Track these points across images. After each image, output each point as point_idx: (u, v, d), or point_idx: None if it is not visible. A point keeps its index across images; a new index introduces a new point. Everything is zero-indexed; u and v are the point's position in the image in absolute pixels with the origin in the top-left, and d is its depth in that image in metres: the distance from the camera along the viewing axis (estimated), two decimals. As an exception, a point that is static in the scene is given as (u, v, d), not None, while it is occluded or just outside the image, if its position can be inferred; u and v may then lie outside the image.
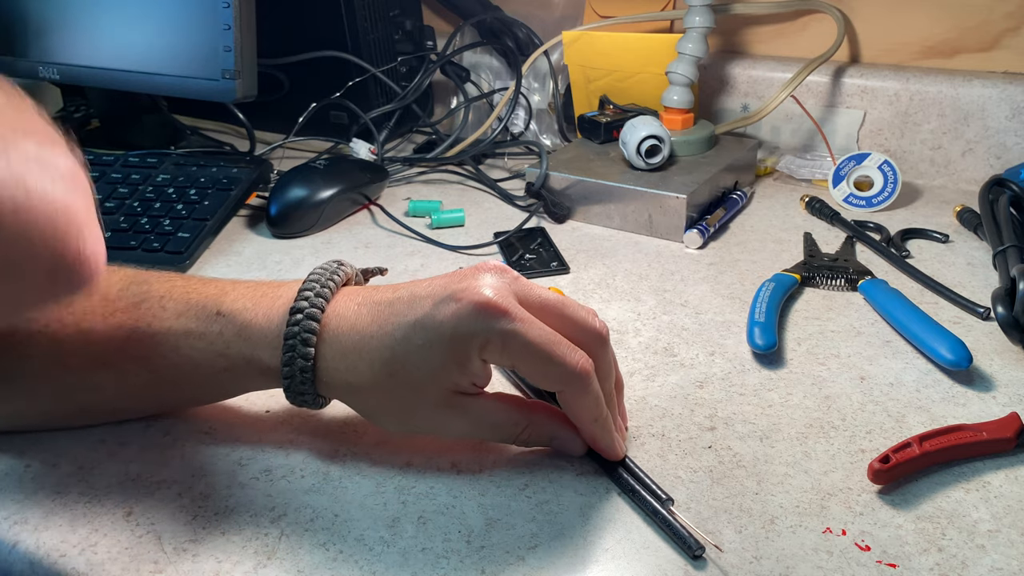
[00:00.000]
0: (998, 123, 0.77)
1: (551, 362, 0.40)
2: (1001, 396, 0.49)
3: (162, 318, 0.43)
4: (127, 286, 0.44)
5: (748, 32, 0.89)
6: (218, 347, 0.43)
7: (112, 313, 0.43)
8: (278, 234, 0.75)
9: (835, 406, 0.49)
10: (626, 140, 0.75)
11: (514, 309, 0.39)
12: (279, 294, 0.44)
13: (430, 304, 0.40)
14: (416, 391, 0.41)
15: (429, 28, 0.99)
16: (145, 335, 0.43)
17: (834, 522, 0.40)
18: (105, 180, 0.76)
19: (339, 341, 0.41)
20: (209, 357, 0.43)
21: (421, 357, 0.40)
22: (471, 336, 0.39)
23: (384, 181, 0.81)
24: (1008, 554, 0.38)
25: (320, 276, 0.44)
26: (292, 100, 0.91)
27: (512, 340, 0.39)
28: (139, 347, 0.43)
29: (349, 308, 0.42)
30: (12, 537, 0.41)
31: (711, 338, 0.57)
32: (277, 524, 0.41)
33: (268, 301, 0.43)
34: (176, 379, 0.44)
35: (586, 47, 0.87)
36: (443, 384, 0.41)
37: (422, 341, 0.40)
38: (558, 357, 0.40)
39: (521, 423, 0.43)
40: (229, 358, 0.43)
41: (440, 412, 0.42)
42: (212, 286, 0.45)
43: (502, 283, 0.40)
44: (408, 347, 0.40)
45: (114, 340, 0.43)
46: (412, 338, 0.40)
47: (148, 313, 0.43)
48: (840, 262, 0.65)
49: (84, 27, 0.84)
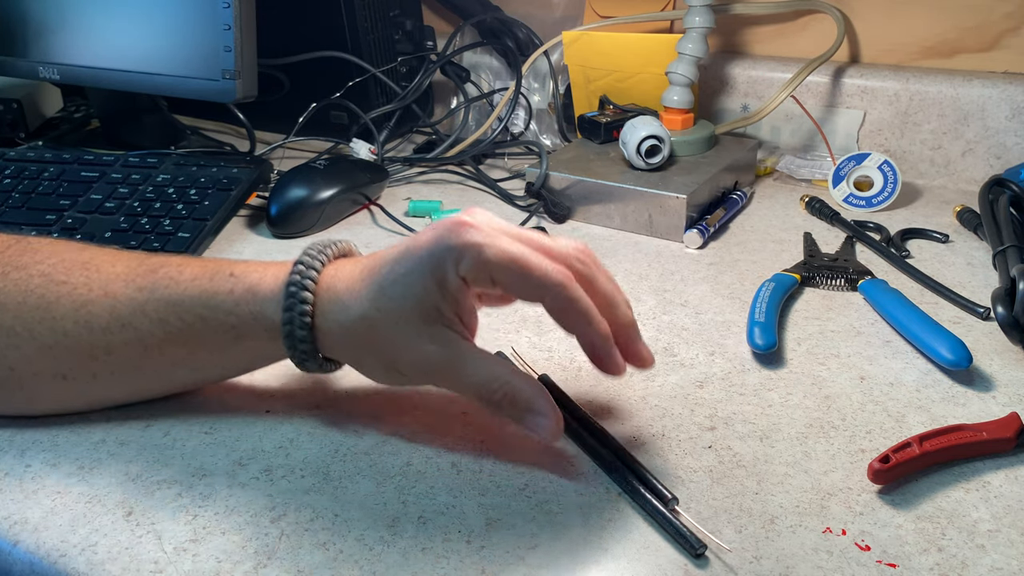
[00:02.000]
0: (998, 123, 0.77)
1: (528, 269, 0.40)
2: (1001, 396, 0.49)
3: (179, 280, 0.45)
4: (146, 259, 0.48)
5: (748, 32, 0.90)
6: (228, 305, 0.44)
7: (133, 278, 0.46)
8: (278, 234, 0.75)
9: (835, 406, 0.49)
10: (626, 140, 0.75)
11: (486, 226, 0.41)
12: (287, 262, 0.46)
13: (411, 239, 0.43)
14: (400, 321, 0.42)
15: (429, 28, 0.99)
16: (163, 296, 0.45)
17: (834, 522, 0.40)
18: (105, 180, 0.76)
19: (334, 288, 0.44)
20: (219, 315, 0.45)
21: (404, 283, 0.42)
22: (447, 249, 0.41)
23: (384, 181, 0.81)
24: (1008, 554, 0.38)
25: (319, 242, 0.46)
26: (292, 100, 0.91)
27: (486, 250, 0.40)
28: (156, 307, 0.45)
29: (345, 265, 0.45)
30: (12, 537, 0.41)
31: (711, 338, 0.57)
32: (277, 524, 0.41)
33: (277, 267, 0.46)
34: (188, 340, 0.45)
35: (586, 47, 0.87)
36: (426, 309, 0.41)
37: (404, 268, 0.42)
38: (535, 263, 0.41)
39: (500, 379, 0.42)
40: (238, 316, 0.44)
41: (421, 343, 0.42)
42: (223, 261, 0.47)
43: (480, 212, 0.43)
44: (393, 276, 0.42)
45: (134, 301, 0.45)
46: (396, 268, 0.42)
47: (166, 276, 0.46)
48: (840, 262, 0.65)
49: (84, 27, 0.84)
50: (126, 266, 0.47)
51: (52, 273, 0.46)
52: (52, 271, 0.46)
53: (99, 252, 0.48)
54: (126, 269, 0.47)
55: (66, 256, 0.47)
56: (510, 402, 0.42)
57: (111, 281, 0.46)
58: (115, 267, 0.47)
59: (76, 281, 0.46)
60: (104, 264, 0.47)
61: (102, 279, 0.46)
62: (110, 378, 0.47)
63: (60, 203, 0.74)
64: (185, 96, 0.81)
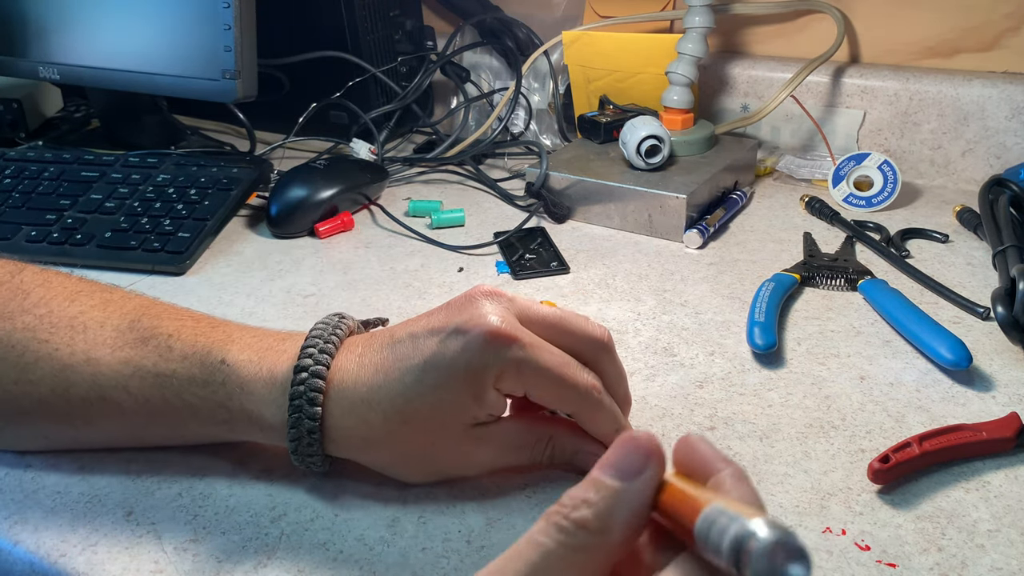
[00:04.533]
0: (998, 123, 0.77)
1: (564, 384, 0.40)
2: (1001, 396, 0.49)
3: (168, 359, 0.42)
4: (139, 318, 0.43)
5: (748, 32, 0.89)
6: (219, 398, 0.41)
7: (121, 346, 0.42)
8: (278, 234, 0.75)
9: (835, 406, 0.49)
10: (626, 140, 0.75)
11: (523, 335, 0.39)
12: (283, 348, 0.42)
13: (436, 342, 0.39)
14: (434, 433, 0.40)
15: (429, 28, 0.99)
16: (149, 374, 0.42)
17: (834, 522, 0.40)
18: (105, 180, 0.76)
19: (346, 397, 0.40)
20: (210, 407, 0.42)
21: (436, 397, 0.39)
22: (485, 368, 0.38)
23: (384, 181, 0.81)
24: (1008, 554, 0.38)
25: (322, 331, 0.42)
26: (292, 100, 0.91)
27: (526, 367, 0.39)
28: (140, 385, 0.42)
29: (351, 361, 0.41)
30: (12, 537, 0.41)
31: (711, 338, 0.57)
32: (277, 524, 0.41)
33: (273, 356, 0.42)
34: (173, 422, 0.43)
35: (586, 47, 0.87)
36: (462, 420, 0.40)
37: (434, 381, 0.39)
38: (570, 378, 0.40)
39: (544, 437, 0.42)
40: (230, 411, 0.42)
41: (462, 448, 0.41)
42: (220, 330, 0.43)
43: (503, 308, 0.40)
44: (421, 389, 0.39)
45: (119, 375, 0.42)
46: (424, 379, 0.39)
47: (155, 352, 0.42)
48: (840, 262, 0.65)
49: (84, 27, 0.84)
50: (114, 328, 0.43)
51: (37, 328, 0.43)
52: (37, 325, 0.43)
53: (90, 304, 0.44)
54: (114, 333, 0.43)
55: (55, 307, 0.43)
56: (559, 452, 0.43)
57: (96, 346, 0.42)
58: (103, 329, 0.43)
59: (59, 341, 0.42)
60: (92, 323, 0.43)
61: (87, 343, 0.42)
62: (92, 441, 0.45)
63: (60, 203, 0.74)
64: (185, 96, 0.81)
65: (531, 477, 0.44)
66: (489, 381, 0.39)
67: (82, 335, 0.43)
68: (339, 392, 0.40)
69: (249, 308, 0.62)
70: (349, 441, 0.41)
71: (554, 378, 0.39)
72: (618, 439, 0.28)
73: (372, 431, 0.40)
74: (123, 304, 0.44)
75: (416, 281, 0.66)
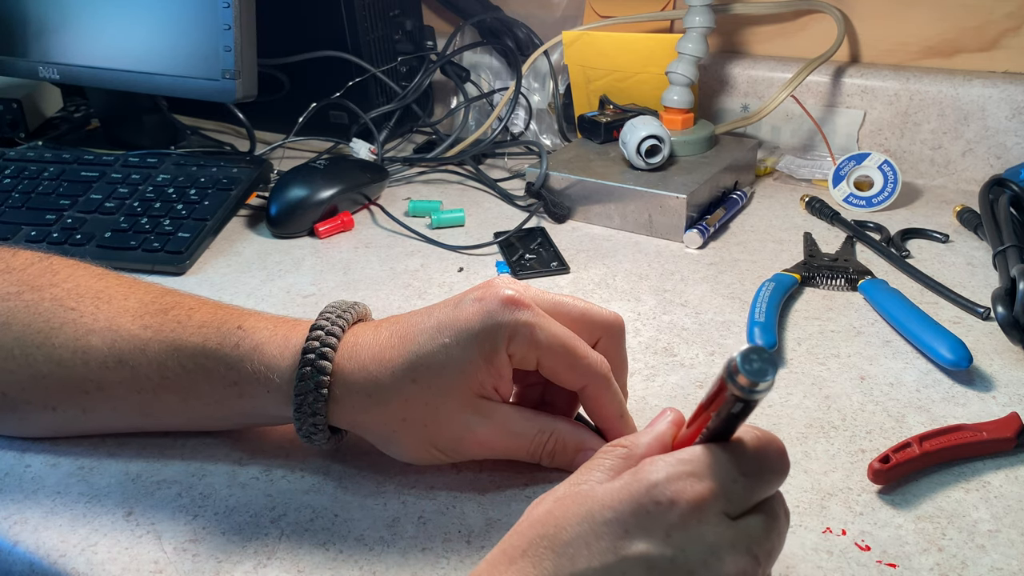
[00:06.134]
0: (998, 123, 0.77)
1: (576, 354, 0.40)
2: (1001, 396, 0.49)
3: (186, 324, 0.43)
4: (161, 295, 0.46)
5: (748, 32, 0.89)
6: (232, 360, 0.42)
7: (142, 315, 0.44)
8: (278, 234, 0.75)
9: (835, 406, 0.49)
10: (626, 140, 0.75)
11: (536, 303, 0.41)
12: (298, 323, 0.44)
13: (451, 308, 0.41)
14: (440, 394, 0.40)
15: (429, 28, 0.99)
16: (166, 338, 0.43)
17: (834, 522, 0.40)
18: (105, 180, 0.76)
19: (358, 355, 0.41)
20: (222, 369, 0.42)
21: (448, 355, 0.40)
22: (499, 326, 0.39)
23: (384, 181, 0.81)
24: (1008, 554, 0.38)
25: (338, 306, 0.44)
26: (292, 100, 0.91)
27: (539, 330, 0.40)
28: (157, 349, 0.43)
29: (367, 329, 0.42)
30: (12, 537, 0.41)
31: (711, 338, 0.56)
32: (277, 524, 0.41)
33: (288, 326, 0.43)
34: (184, 388, 0.43)
35: (586, 47, 0.87)
36: (469, 382, 0.40)
37: (448, 339, 0.40)
38: (582, 349, 0.41)
39: (547, 430, 0.42)
40: (239, 372, 0.42)
41: (463, 416, 0.41)
42: (234, 309, 0.45)
43: (520, 285, 0.42)
44: (433, 347, 0.40)
45: (137, 339, 0.43)
46: (437, 338, 0.40)
47: (174, 319, 0.44)
48: (840, 262, 0.65)
49: (84, 27, 0.84)
50: (139, 301, 0.45)
51: (64, 298, 0.45)
52: (64, 296, 0.45)
53: (116, 282, 0.47)
54: (138, 304, 0.45)
55: (82, 282, 0.46)
56: (561, 448, 0.43)
57: (119, 314, 0.44)
58: (127, 300, 0.45)
59: (84, 309, 0.45)
60: (117, 295, 0.46)
61: (111, 311, 0.45)
62: (99, 414, 0.45)
63: (60, 203, 0.74)
64: (185, 96, 0.81)
65: (531, 477, 0.44)
66: (502, 342, 0.39)
67: (107, 304, 0.45)
68: (351, 351, 0.41)
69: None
70: (353, 399, 0.41)
71: (567, 346, 0.40)
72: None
73: (379, 388, 0.40)
74: (147, 286, 0.47)
75: (416, 281, 0.66)
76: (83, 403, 0.45)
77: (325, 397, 0.41)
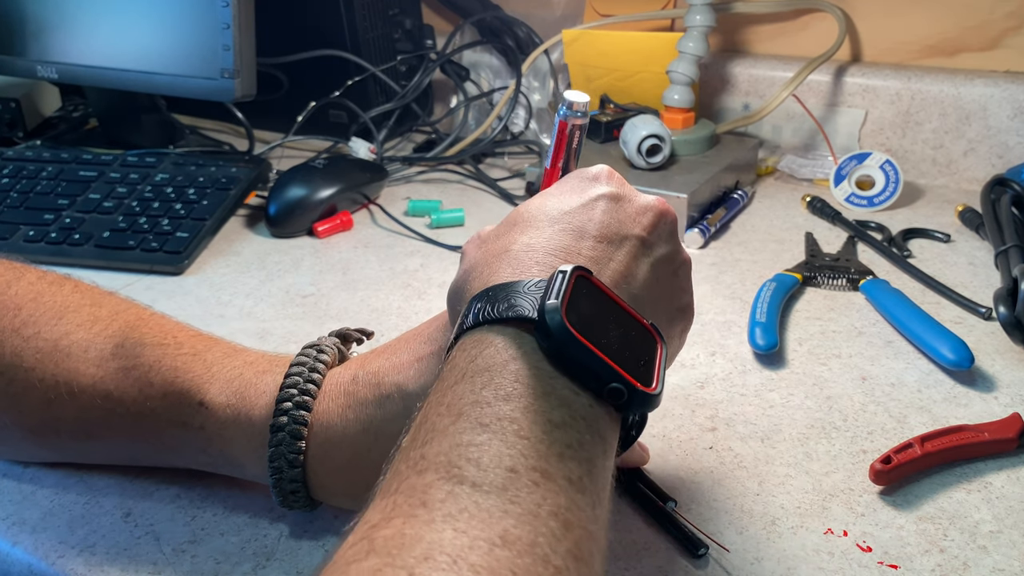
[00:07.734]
0: (1000, 122, 0.77)
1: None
2: (1003, 396, 0.49)
3: (148, 395, 0.40)
4: (123, 342, 0.42)
5: (749, 31, 0.89)
6: (199, 443, 0.40)
7: (103, 378, 0.41)
8: (277, 234, 0.74)
9: (836, 407, 0.49)
10: (627, 139, 0.75)
11: None
12: (263, 388, 0.40)
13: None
14: None
15: (429, 27, 0.99)
16: (129, 414, 0.41)
17: (835, 523, 0.40)
18: (103, 180, 0.76)
19: (331, 459, 0.39)
20: (191, 451, 0.41)
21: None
22: None
23: (383, 180, 0.81)
24: (1010, 555, 0.38)
25: (299, 374, 0.40)
26: (291, 99, 0.91)
27: None
28: (122, 424, 0.41)
29: (334, 414, 0.39)
30: (12, 537, 0.41)
31: (712, 338, 0.56)
32: (276, 525, 0.41)
33: (253, 396, 0.40)
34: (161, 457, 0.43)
35: (586, 46, 0.87)
36: None
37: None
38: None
39: None
40: (210, 455, 0.41)
41: None
42: (200, 360, 0.41)
43: None
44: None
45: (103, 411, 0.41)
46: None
47: (135, 387, 0.41)
48: (841, 262, 0.64)
49: (83, 26, 0.84)
50: (99, 353, 0.41)
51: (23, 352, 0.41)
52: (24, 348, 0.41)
53: (76, 323, 0.42)
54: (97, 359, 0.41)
55: (43, 327, 0.42)
56: None
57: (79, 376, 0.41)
58: (87, 354, 0.41)
59: (44, 371, 0.41)
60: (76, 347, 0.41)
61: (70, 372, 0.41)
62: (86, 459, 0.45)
63: (58, 203, 0.73)
64: (184, 95, 0.81)
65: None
66: None
67: (66, 361, 0.41)
68: (322, 452, 0.38)
69: (248, 308, 0.62)
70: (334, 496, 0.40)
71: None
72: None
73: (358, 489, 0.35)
74: (110, 323, 0.43)
75: (415, 281, 0.66)
76: (64, 453, 0.44)
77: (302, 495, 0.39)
